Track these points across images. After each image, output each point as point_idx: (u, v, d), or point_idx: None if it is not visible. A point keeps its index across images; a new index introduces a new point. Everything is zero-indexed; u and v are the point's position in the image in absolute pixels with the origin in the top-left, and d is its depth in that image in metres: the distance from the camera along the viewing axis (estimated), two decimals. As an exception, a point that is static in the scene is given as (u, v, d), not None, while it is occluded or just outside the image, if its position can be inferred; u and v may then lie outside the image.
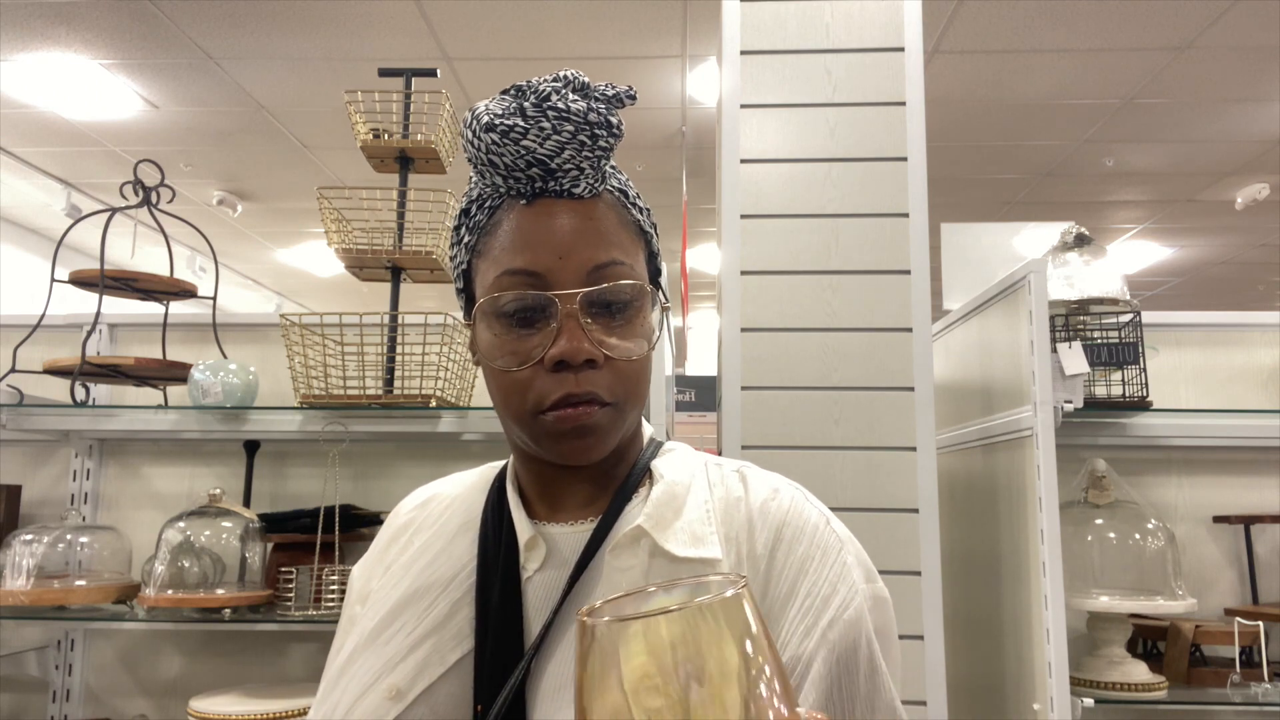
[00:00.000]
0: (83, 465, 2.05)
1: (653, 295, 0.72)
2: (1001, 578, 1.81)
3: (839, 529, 0.73)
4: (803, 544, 0.70)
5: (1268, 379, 2.06)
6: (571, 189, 0.68)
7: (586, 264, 0.67)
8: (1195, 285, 7.50)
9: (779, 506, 0.72)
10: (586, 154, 0.67)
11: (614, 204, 0.71)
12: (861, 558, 0.73)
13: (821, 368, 1.64)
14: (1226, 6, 3.43)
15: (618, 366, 0.68)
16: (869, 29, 1.72)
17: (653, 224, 0.77)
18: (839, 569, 0.69)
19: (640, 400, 0.72)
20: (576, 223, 0.68)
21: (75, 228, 2.00)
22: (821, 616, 0.66)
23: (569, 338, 0.66)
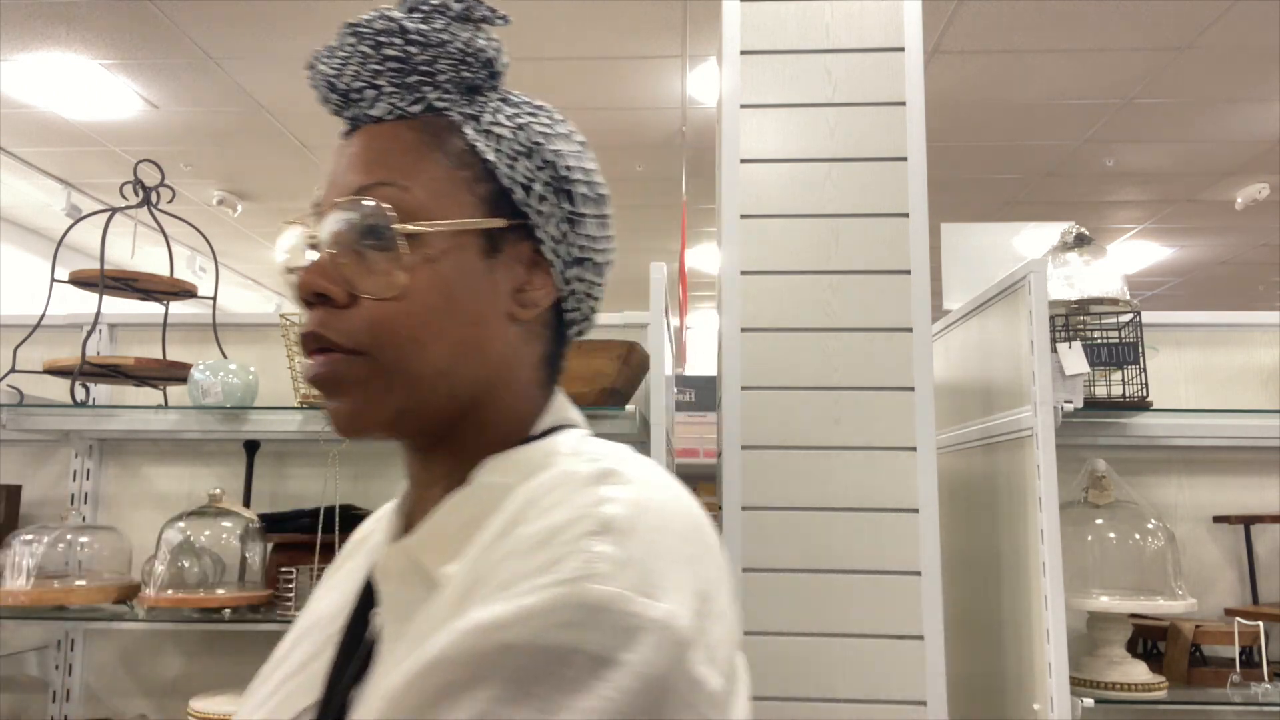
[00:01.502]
0: (83, 465, 2.05)
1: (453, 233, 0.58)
2: (1001, 578, 1.81)
3: (617, 514, 0.49)
4: (535, 522, 0.50)
5: (1268, 379, 2.06)
6: (369, 111, 0.61)
7: (347, 189, 0.58)
8: (1195, 285, 7.49)
9: (564, 506, 0.50)
10: (373, 66, 0.59)
11: (431, 123, 0.61)
12: (644, 561, 0.47)
13: (821, 368, 1.64)
14: (1226, 6, 3.43)
15: (367, 308, 0.56)
16: (869, 29, 1.72)
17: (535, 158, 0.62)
18: (563, 551, 0.47)
19: (416, 357, 0.57)
20: (359, 147, 0.60)
21: (75, 228, 2.00)
22: (494, 607, 0.46)
23: (305, 268, 0.57)
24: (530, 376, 0.64)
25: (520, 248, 0.62)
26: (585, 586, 0.45)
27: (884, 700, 1.52)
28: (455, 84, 0.62)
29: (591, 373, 1.69)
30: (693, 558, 0.50)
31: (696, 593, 0.48)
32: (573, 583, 0.45)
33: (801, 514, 1.59)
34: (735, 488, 1.60)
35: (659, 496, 0.53)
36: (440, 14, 0.61)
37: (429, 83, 0.61)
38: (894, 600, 1.55)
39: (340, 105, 0.62)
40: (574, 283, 0.65)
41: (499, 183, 0.61)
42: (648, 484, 0.54)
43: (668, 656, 0.44)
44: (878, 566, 1.56)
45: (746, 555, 1.58)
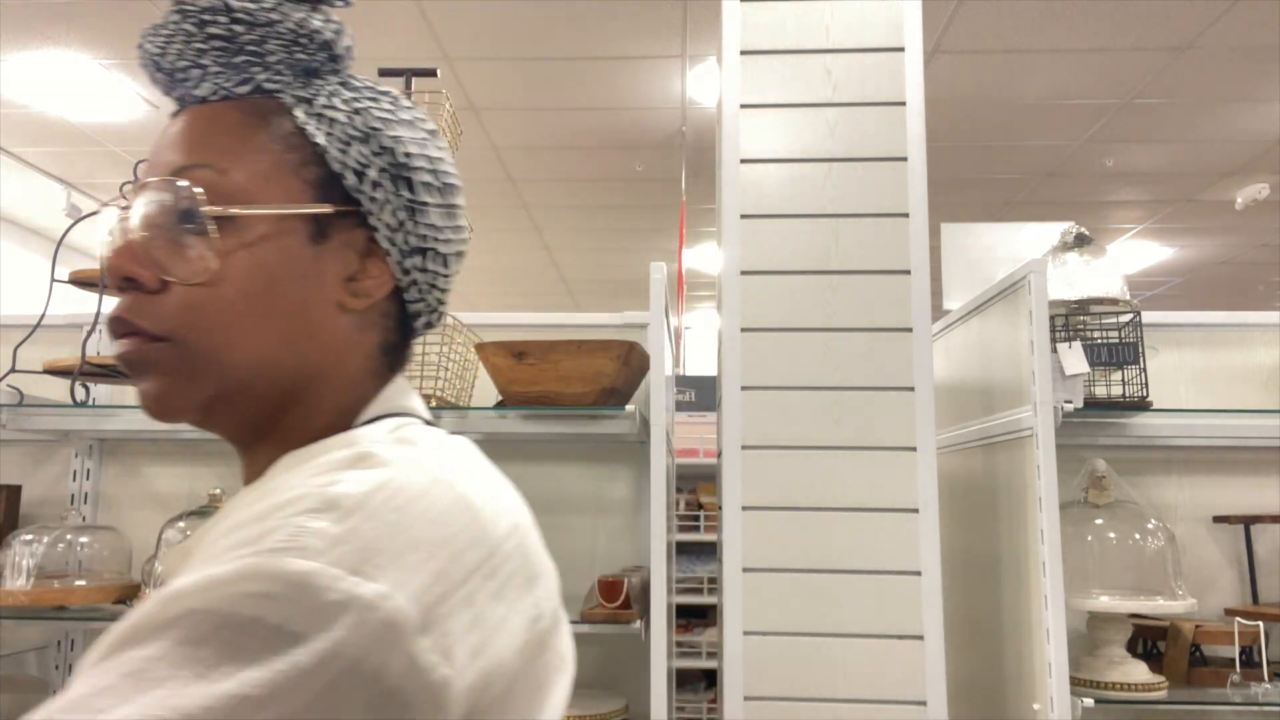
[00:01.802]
0: (83, 465, 2.05)
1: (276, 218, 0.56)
2: (1001, 578, 1.81)
3: (349, 492, 0.46)
4: (264, 502, 0.47)
5: (1268, 379, 2.06)
6: (195, 91, 0.59)
7: (165, 170, 0.57)
8: (1195, 285, 7.49)
9: (280, 498, 0.47)
10: (198, 45, 0.57)
11: (258, 105, 0.59)
12: (370, 544, 0.44)
13: (821, 368, 1.64)
14: (1226, 6, 3.43)
15: (177, 292, 0.55)
16: (869, 29, 1.72)
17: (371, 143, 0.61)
18: (275, 524, 0.45)
19: (226, 343, 0.55)
20: (180, 127, 0.58)
21: (75, 228, 2.00)
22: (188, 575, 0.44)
23: (111, 250, 0.56)
24: (362, 366, 0.62)
25: (353, 235, 0.61)
26: (282, 559, 0.42)
27: (884, 700, 1.52)
28: (289, 66, 0.60)
29: (591, 373, 1.69)
30: (440, 542, 0.47)
31: (435, 576, 0.45)
32: (271, 553, 0.42)
33: (801, 514, 1.59)
34: (735, 488, 1.60)
35: (411, 480, 0.49)
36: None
37: (257, 63, 0.59)
38: (894, 600, 1.55)
39: (167, 85, 0.60)
40: (414, 272, 0.64)
41: (330, 168, 0.60)
42: (404, 468, 0.50)
43: (370, 638, 0.42)
44: (878, 566, 1.56)
45: (746, 555, 1.58)
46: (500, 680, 0.48)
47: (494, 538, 0.51)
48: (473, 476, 0.54)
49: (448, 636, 0.45)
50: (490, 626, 0.48)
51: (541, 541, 0.59)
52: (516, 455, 2.05)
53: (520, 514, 0.57)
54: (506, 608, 0.49)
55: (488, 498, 0.53)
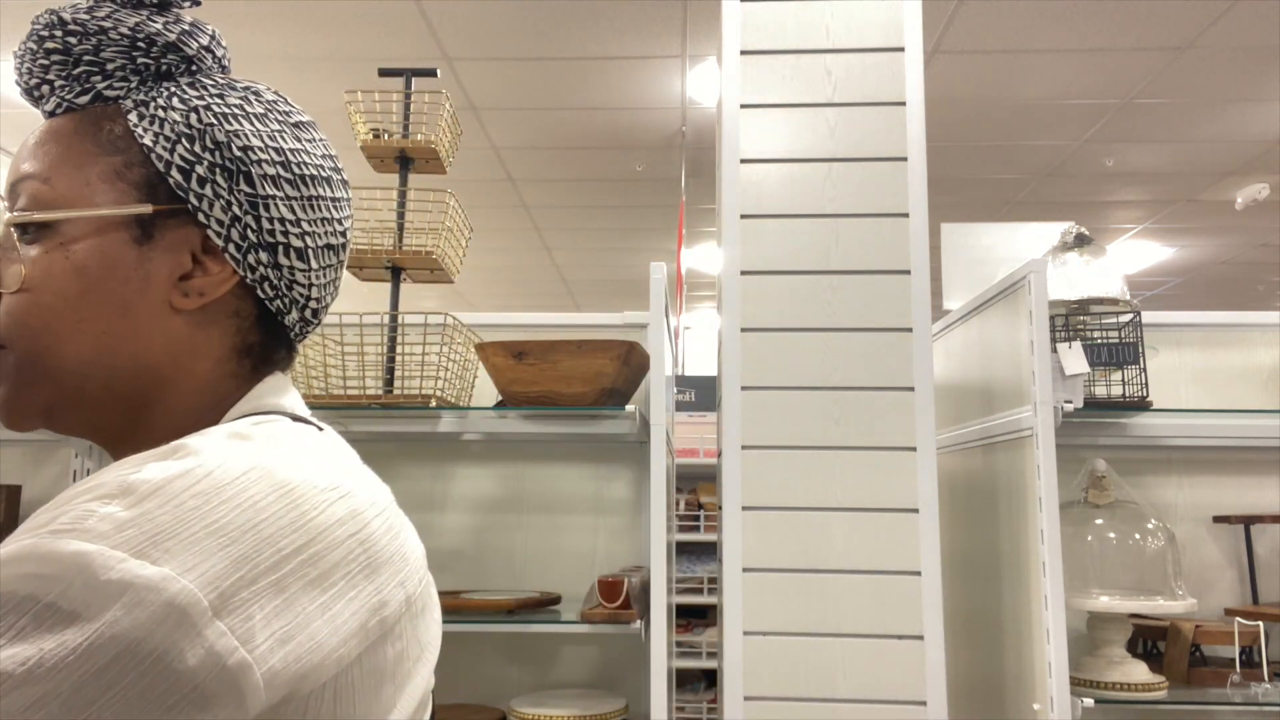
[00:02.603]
0: (83, 465, 2.05)
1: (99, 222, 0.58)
2: (1001, 578, 1.81)
3: (149, 479, 0.46)
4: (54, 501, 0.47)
5: (1268, 379, 2.06)
6: (45, 107, 0.61)
7: (4, 183, 0.60)
8: (1195, 285, 7.50)
9: (77, 489, 0.47)
10: (41, 62, 0.60)
11: (92, 113, 0.60)
12: (162, 528, 0.44)
13: (821, 368, 1.64)
14: (1226, 6, 3.43)
15: (5, 302, 0.58)
16: (869, 29, 1.72)
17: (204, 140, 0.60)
18: (65, 509, 0.45)
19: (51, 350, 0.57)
20: (25, 143, 0.61)
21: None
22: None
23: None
24: (212, 368, 0.61)
25: (185, 233, 0.60)
26: (61, 539, 0.42)
27: (884, 700, 1.52)
28: (134, 72, 0.61)
29: (591, 373, 1.69)
30: (246, 528, 0.46)
31: (235, 562, 0.45)
32: (52, 534, 0.43)
33: (801, 514, 1.59)
34: (735, 488, 1.60)
35: (222, 466, 0.48)
36: (110, 1, 0.61)
37: (96, 72, 0.60)
38: (894, 600, 1.55)
39: (33, 104, 0.62)
40: (261, 268, 0.62)
41: (155, 167, 0.60)
42: (217, 456, 0.49)
43: (151, 620, 0.42)
44: (878, 566, 1.57)
45: (746, 555, 1.58)
46: (325, 669, 0.48)
47: (318, 525, 0.50)
48: (302, 466, 0.52)
49: (249, 621, 0.44)
50: (304, 612, 0.47)
51: (408, 531, 0.59)
52: (516, 455, 2.06)
53: (367, 502, 0.54)
54: (331, 595, 0.49)
55: (319, 486, 0.51)
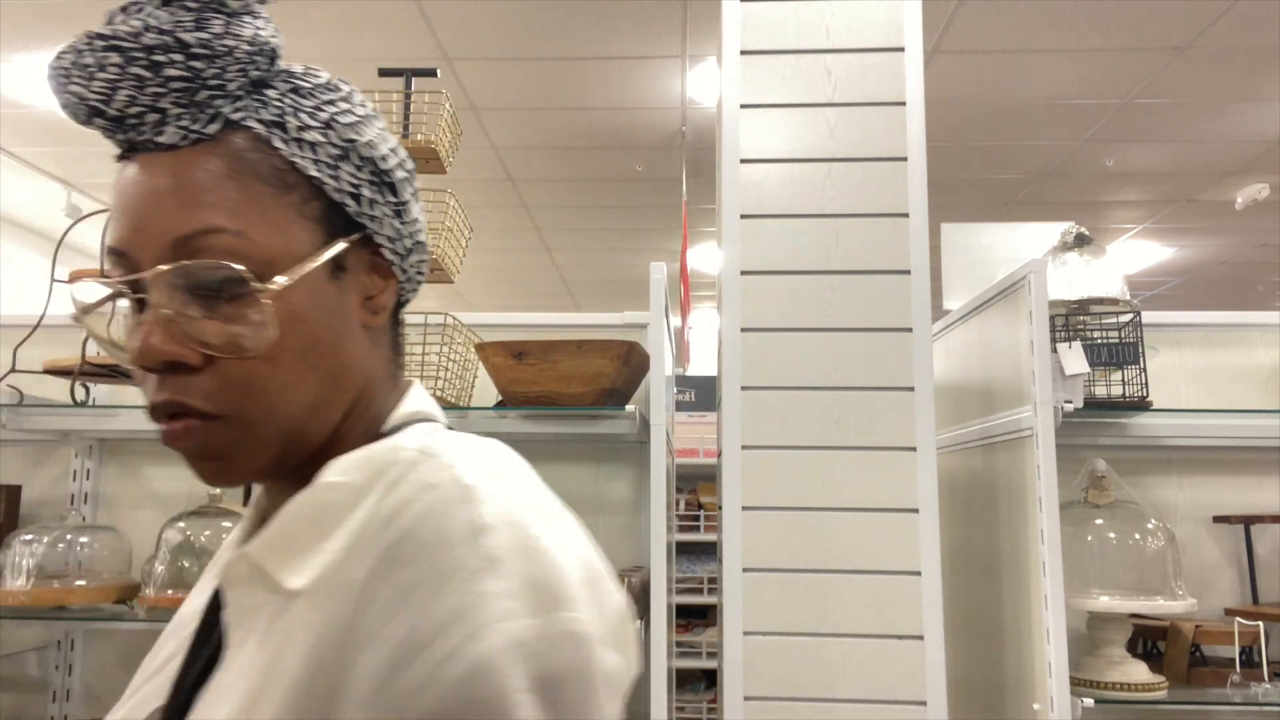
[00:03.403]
0: (83, 465, 2.05)
1: (302, 269, 0.54)
2: (1001, 578, 1.81)
3: (496, 542, 0.48)
4: (416, 565, 0.48)
5: (1268, 379, 2.06)
6: (155, 137, 0.53)
7: (166, 237, 0.52)
8: (1195, 285, 7.49)
9: (414, 512, 0.50)
10: (155, 90, 0.51)
11: (237, 147, 0.54)
12: (538, 580, 0.48)
13: (821, 368, 1.64)
14: (1226, 6, 3.43)
15: (226, 369, 0.52)
16: (869, 29, 1.72)
17: (344, 156, 0.58)
18: (462, 601, 0.46)
19: (284, 405, 0.55)
20: (157, 183, 0.52)
21: (75, 228, 2.00)
22: (406, 675, 0.44)
23: (139, 333, 0.51)
24: (382, 374, 0.62)
25: (361, 255, 0.59)
26: (489, 646, 0.45)
27: (884, 700, 1.52)
28: (244, 86, 0.55)
29: (591, 373, 1.69)
30: (566, 548, 0.52)
31: (586, 584, 0.50)
32: (477, 641, 0.45)
33: (801, 514, 1.59)
34: (735, 488, 1.60)
35: (518, 503, 0.52)
36: (215, 11, 0.54)
37: (221, 95, 0.54)
38: (894, 600, 1.55)
39: (113, 129, 0.53)
40: (410, 269, 0.63)
41: (329, 197, 0.57)
42: (503, 493, 0.52)
43: (577, 653, 0.47)
44: (878, 566, 1.56)
45: (746, 555, 1.58)
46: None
47: (573, 523, 0.59)
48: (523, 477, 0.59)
49: (610, 630, 0.53)
50: (620, 604, 0.56)
51: None
52: (516, 455, 2.05)
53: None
54: (610, 580, 0.57)
55: (541, 488, 0.60)
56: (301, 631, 0.49)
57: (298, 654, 0.48)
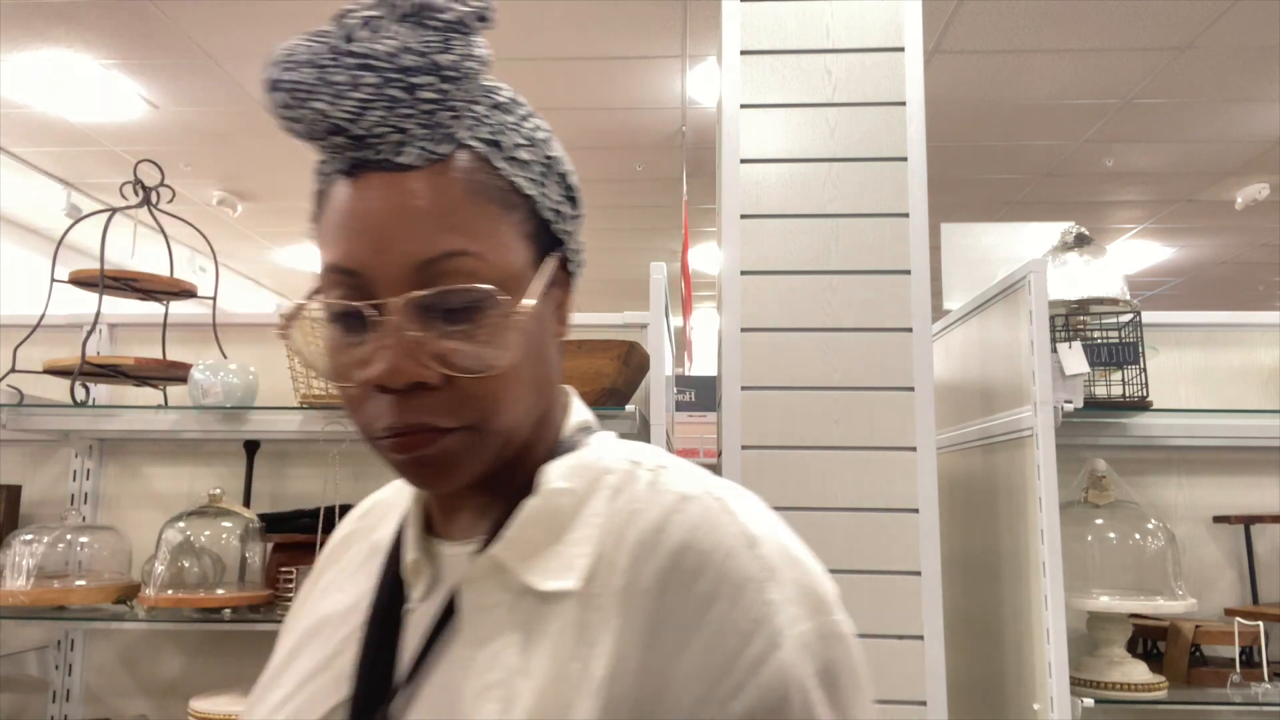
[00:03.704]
0: (83, 465, 2.05)
1: (523, 286, 0.55)
2: (1001, 578, 1.80)
3: (770, 550, 0.54)
4: (707, 575, 0.52)
5: (1268, 379, 2.06)
6: (394, 157, 0.52)
7: (410, 259, 0.52)
8: (1195, 285, 7.49)
9: (683, 523, 0.54)
10: (405, 111, 0.51)
11: (467, 168, 0.54)
12: (806, 584, 0.54)
13: (821, 368, 1.64)
14: (1226, 6, 3.43)
15: (464, 385, 0.53)
16: (869, 29, 1.72)
17: (548, 175, 0.59)
18: (757, 610, 0.51)
19: (513, 416, 0.57)
20: (399, 203, 0.52)
21: (75, 228, 2.00)
22: (725, 679, 0.50)
23: (385, 356, 0.52)
24: (558, 382, 0.65)
25: (556, 269, 0.61)
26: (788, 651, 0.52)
27: (884, 700, 1.52)
28: (471, 104, 0.56)
29: (591, 373, 1.69)
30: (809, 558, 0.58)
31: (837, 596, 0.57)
32: (778, 648, 0.51)
33: (801, 514, 1.59)
34: (735, 488, 1.60)
35: (761, 511, 0.58)
36: (458, 31, 0.53)
37: (454, 116, 0.54)
38: (894, 600, 1.55)
39: (349, 147, 0.53)
40: (577, 275, 0.65)
41: (539, 215, 0.58)
42: (745, 502, 0.58)
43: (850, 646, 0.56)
44: (878, 566, 1.56)
45: (746, 555, 1.57)
46: None
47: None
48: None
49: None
50: None
51: None
52: (516, 455, 2.05)
53: None
54: None
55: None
56: (599, 634, 0.52)
57: (602, 658, 0.51)
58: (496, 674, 0.53)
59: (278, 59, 0.52)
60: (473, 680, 0.53)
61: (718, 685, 0.50)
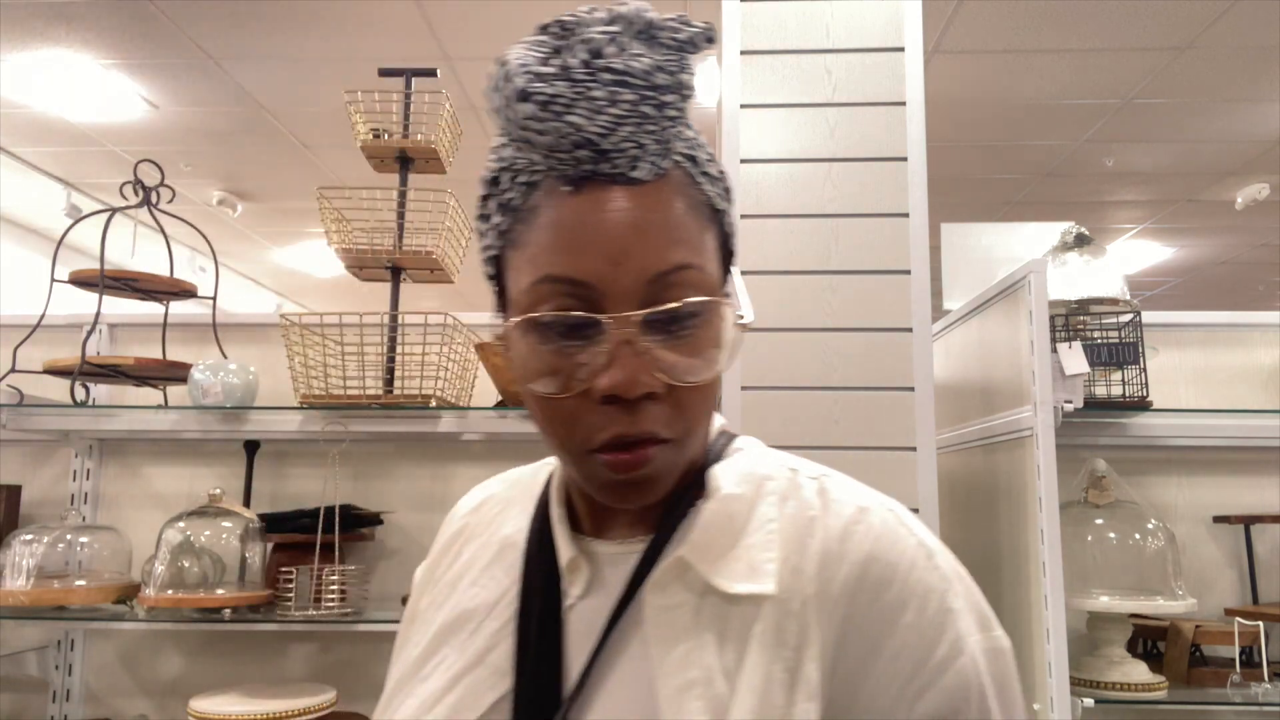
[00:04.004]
0: (83, 465, 2.05)
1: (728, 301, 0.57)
2: (1001, 578, 1.80)
3: (944, 563, 0.58)
4: (895, 585, 0.56)
5: (1268, 379, 2.06)
6: (629, 171, 0.53)
7: (646, 271, 0.53)
8: (1195, 285, 7.49)
9: (867, 533, 0.58)
10: (650, 127, 0.53)
11: (681, 182, 0.56)
12: (974, 599, 0.58)
13: (821, 368, 1.64)
14: (1226, 6, 3.43)
15: (680, 395, 0.55)
16: (869, 29, 1.72)
17: (726, 190, 0.61)
18: (940, 617, 0.56)
19: (705, 426, 0.60)
20: (634, 217, 0.53)
21: (75, 228, 2.00)
22: (913, 682, 0.54)
23: (622, 366, 0.52)
24: None
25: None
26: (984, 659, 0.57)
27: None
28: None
29: (591, 373, 1.69)
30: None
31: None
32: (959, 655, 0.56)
33: (801, 514, 1.58)
34: (735, 488, 1.60)
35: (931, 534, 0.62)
36: (688, 51, 0.55)
37: (676, 133, 0.56)
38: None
39: (591, 160, 0.53)
40: None
41: (724, 230, 0.60)
42: (922, 525, 0.61)
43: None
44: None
45: (746, 555, 1.57)
46: None
47: None
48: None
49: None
50: None
51: None
52: (516, 455, 2.04)
53: None
54: None
55: None
56: (804, 638, 0.55)
57: (813, 661, 0.55)
58: (695, 672, 0.55)
59: (519, 69, 0.53)
60: (668, 678, 0.55)
61: (907, 686, 0.54)
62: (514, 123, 0.53)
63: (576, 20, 0.54)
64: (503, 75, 0.54)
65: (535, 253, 0.54)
